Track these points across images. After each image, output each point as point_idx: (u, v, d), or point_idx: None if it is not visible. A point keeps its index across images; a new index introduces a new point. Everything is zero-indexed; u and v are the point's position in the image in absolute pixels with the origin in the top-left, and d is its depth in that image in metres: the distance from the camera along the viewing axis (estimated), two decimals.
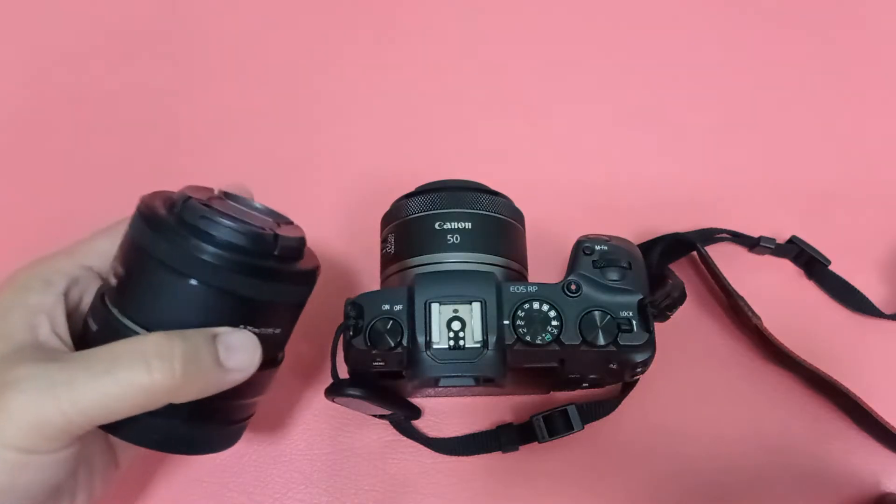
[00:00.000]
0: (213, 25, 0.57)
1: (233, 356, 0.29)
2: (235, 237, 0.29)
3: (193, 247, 0.28)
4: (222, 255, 0.29)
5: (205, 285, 0.29)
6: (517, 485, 0.42)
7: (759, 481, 0.42)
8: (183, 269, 0.29)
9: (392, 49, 0.56)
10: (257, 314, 0.31)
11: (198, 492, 0.42)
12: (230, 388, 0.31)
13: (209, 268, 0.28)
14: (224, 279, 0.29)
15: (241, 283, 0.29)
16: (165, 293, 0.29)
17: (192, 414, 0.31)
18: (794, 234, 0.48)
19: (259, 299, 0.30)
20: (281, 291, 0.31)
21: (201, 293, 0.29)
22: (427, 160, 0.51)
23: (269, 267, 0.30)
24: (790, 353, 0.43)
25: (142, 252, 0.29)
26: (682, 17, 0.58)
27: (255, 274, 0.29)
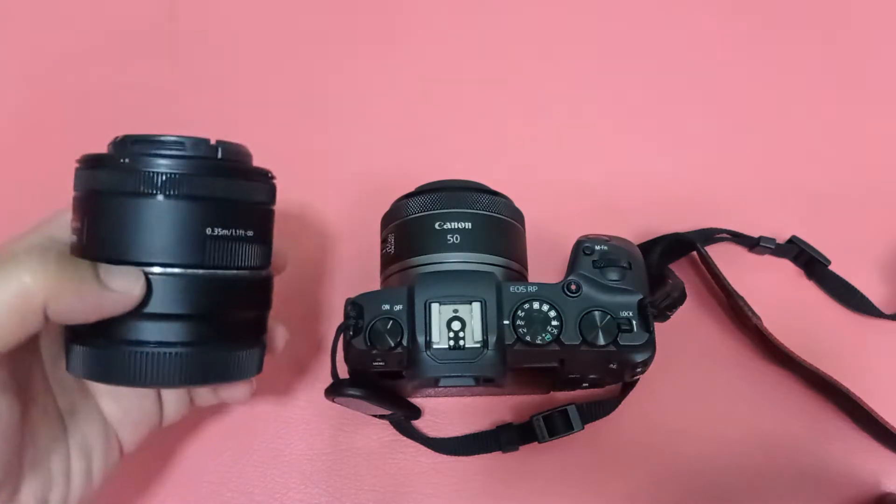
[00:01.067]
0: (213, 25, 0.57)
1: (112, 276, 0.29)
2: (179, 148, 0.29)
3: (143, 165, 0.29)
4: (174, 164, 0.29)
5: (164, 197, 0.29)
6: (517, 485, 0.42)
7: (759, 481, 0.42)
8: (137, 188, 0.29)
9: (392, 49, 0.56)
10: (219, 216, 0.30)
11: (198, 492, 0.42)
12: (229, 301, 0.31)
13: (164, 178, 0.29)
14: (182, 186, 0.29)
15: (197, 184, 0.29)
16: (123, 223, 0.29)
17: (202, 339, 0.30)
18: (794, 234, 0.48)
19: (215, 197, 0.30)
20: (238, 188, 0.31)
21: (159, 208, 0.29)
22: (427, 160, 0.51)
23: (218, 166, 0.30)
24: (790, 353, 0.43)
25: (94, 194, 0.30)
26: (682, 18, 0.58)
27: (208, 172, 0.30)
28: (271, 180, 0.33)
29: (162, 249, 0.29)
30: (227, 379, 0.32)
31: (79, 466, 0.33)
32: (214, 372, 0.31)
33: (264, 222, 0.33)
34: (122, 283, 0.29)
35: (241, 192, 0.31)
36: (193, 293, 0.30)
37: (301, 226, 0.49)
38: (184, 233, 0.29)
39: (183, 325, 0.30)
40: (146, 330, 0.30)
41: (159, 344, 0.30)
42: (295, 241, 0.48)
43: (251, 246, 0.32)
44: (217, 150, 0.30)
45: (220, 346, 0.31)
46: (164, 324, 0.30)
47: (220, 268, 0.31)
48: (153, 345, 0.30)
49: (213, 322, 0.31)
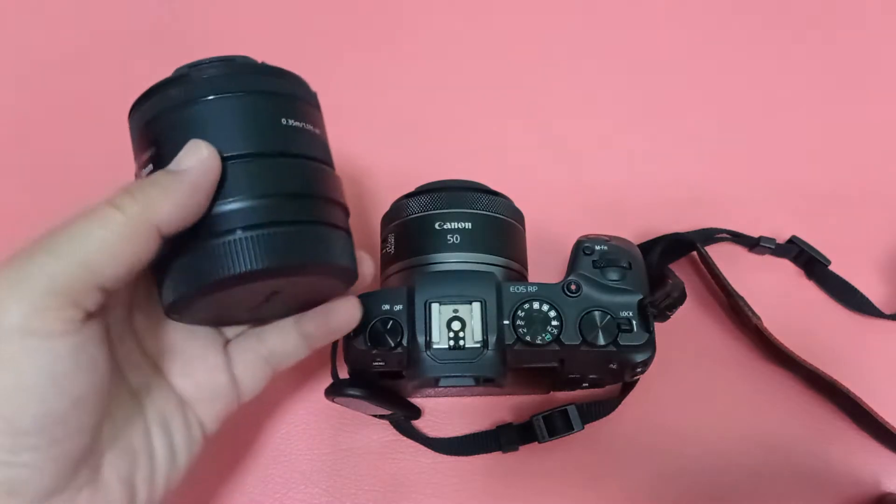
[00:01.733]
0: (212, 25, 0.57)
1: (181, 160, 0.28)
2: (229, 60, 0.31)
3: (202, 73, 0.30)
4: (230, 69, 0.30)
5: (228, 96, 0.29)
6: (517, 485, 0.42)
7: (759, 481, 0.42)
8: (197, 94, 0.29)
9: (392, 49, 0.56)
10: (277, 108, 0.31)
11: (198, 492, 0.42)
12: (313, 178, 0.31)
13: (223, 79, 0.30)
14: (242, 83, 0.30)
15: (262, 81, 0.31)
16: (182, 133, 0.29)
17: (294, 217, 0.29)
18: (794, 234, 0.48)
19: (275, 91, 0.31)
20: (297, 84, 0.33)
21: (231, 104, 0.29)
22: (427, 160, 0.51)
23: (273, 68, 0.32)
24: (790, 353, 0.43)
25: (154, 120, 0.30)
26: (682, 18, 0.58)
27: (265, 72, 0.31)
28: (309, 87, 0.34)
29: (240, 140, 0.29)
30: (323, 259, 0.30)
31: (161, 443, 0.32)
32: (307, 251, 0.30)
33: (316, 119, 0.33)
34: (189, 157, 0.28)
35: (300, 88, 0.33)
36: (276, 175, 0.30)
37: None
38: (257, 121, 0.30)
39: (268, 206, 0.29)
40: (231, 218, 0.28)
41: (247, 227, 0.28)
42: None
43: (322, 142, 0.32)
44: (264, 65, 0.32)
45: (312, 225, 0.30)
46: (248, 207, 0.29)
47: (301, 156, 0.31)
48: (241, 230, 0.28)
49: (301, 202, 0.30)
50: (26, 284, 0.25)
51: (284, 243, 0.29)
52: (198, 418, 0.34)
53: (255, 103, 0.30)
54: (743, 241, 0.48)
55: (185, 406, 0.33)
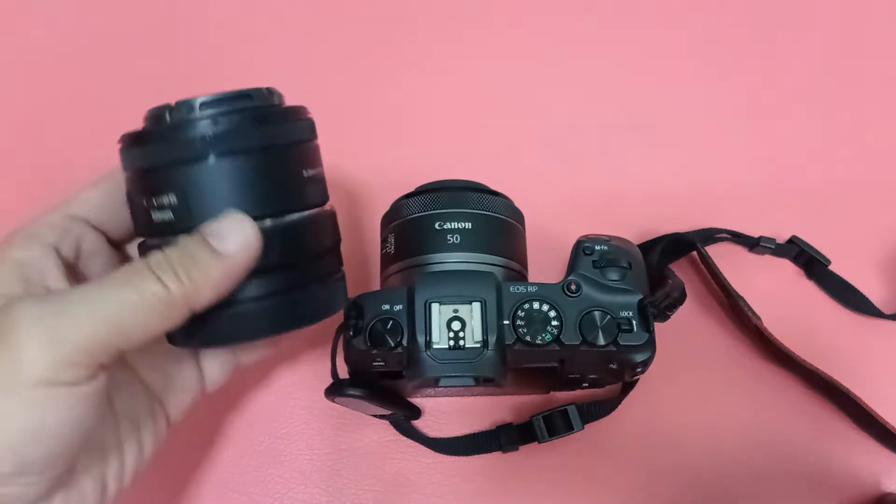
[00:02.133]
0: (214, 25, 0.57)
1: (225, 240, 0.28)
2: (231, 103, 0.29)
3: (201, 127, 0.28)
4: (227, 119, 0.28)
5: (225, 156, 0.28)
6: (517, 485, 0.42)
7: (759, 481, 0.42)
8: (195, 152, 0.28)
9: (392, 49, 0.56)
10: (306, 158, 0.31)
11: (198, 492, 0.42)
12: (300, 234, 0.30)
13: (218, 138, 0.28)
14: (236, 140, 0.28)
15: (254, 135, 0.29)
16: (189, 191, 0.28)
17: (287, 286, 0.30)
18: (794, 234, 0.48)
19: (276, 144, 0.30)
20: (307, 128, 0.32)
21: (226, 168, 0.28)
22: (427, 160, 0.51)
23: (272, 112, 0.30)
24: (790, 353, 0.43)
25: (149, 170, 0.29)
26: (681, 18, 0.58)
27: (265, 121, 0.29)
28: (309, 116, 0.33)
29: (271, 200, 0.29)
30: (326, 314, 0.31)
31: (130, 440, 0.32)
32: (315, 312, 0.31)
33: (318, 157, 0.33)
34: (234, 239, 0.28)
35: (309, 132, 0.32)
36: (301, 236, 0.30)
37: None
38: (287, 179, 0.30)
39: (284, 273, 0.30)
40: (247, 286, 0.29)
41: (260, 297, 0.29)
42: None
43: (317, 183, 0.32)
44: (277, 97, 0.31)
45: (320, 283, 0.31)
46: (264, 276, 0.29)
47: (317, 206, 0.31)
48: (253, 300, 0.29)
49: (313, 263, 0.31)
50: (61, 338, 0.26)
51: (294, 309, 0.30)
52: (164, 411, 0.34)
53: (280, 158, 0.30)
54: (743, 241, 0.48)
55: (153, 400, 0.34)
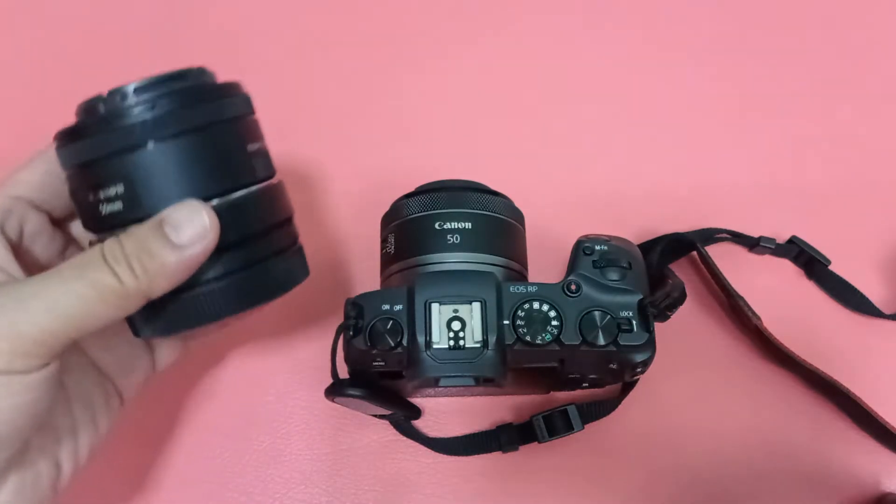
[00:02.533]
0: (212, 25, 0.57)
1: (182, 231, 0.28)
2: (164, 85, 0.29)
3: (137, 113, 0.28)
4: (163, 102, 0.28)
5: (166, 140, 0.28)
6: (517, 485, 0.42)
7: (759, 481, 0.42)
8: (135, 139, 0.28)
9: (392, 48, 0.56)
10: (249, 131, 0.31)
11: (198, 492, 0.42)
12: (254, 219, 0.30)
13: (156, 122, 0.28)
14: (176, 121, 0.28)
15: (192, 115, 0.29)
16: (135, 179, 0.28)
17: (245, 263, 0.30)
18: (794, 234, 0.48)
19: (215, 121, 0.29)
20: (228, 106, 0.31)
21: (168, 152, 0.28)
22: (427, 160, 0.51)
23: (207, 90, 0.30)
24: (790, 353, 0.43)
25: (91, 164, 0.29)
26: (681, 18, 0.58)
27: (201, 99, 0.29)
28: (243, 90, 0.33)
29: (218, 178, 0.29)
30: (287, 287, 0.32)
31: (83, 419, 0.33)
32: (275, 287, 0.31)
33: (258, 130, 0.33)
34: (190, 231, 0.28)
35: (247, 106, 0.32)
36: (253, 212, 0.30)
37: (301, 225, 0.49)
38: (232, 155, 0.29)
39: (237, 252, 0.30)
40: (203, 269, 0.29)
41: (219, 278, 0.29)
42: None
43: (262, 157, 0.32)
44: (210, 76, 0.31)
45: (278, 257, 0.31)
46: (219, 257, 0.29)
47: (264, 180, 0.31)
48: (214, 280, 0.29)
49: (265, 238, 0.31)
50: (14, 330, 0.26)
51: (255, 285, 0.30)
52: (116, 390, 0.35)
53: (221, 135, 0.30)
54: (743, 241, 0.48)
55: (105, 381, 0.34)
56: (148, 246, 0.28)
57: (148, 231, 0.28)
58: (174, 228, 0.28)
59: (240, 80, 0.32)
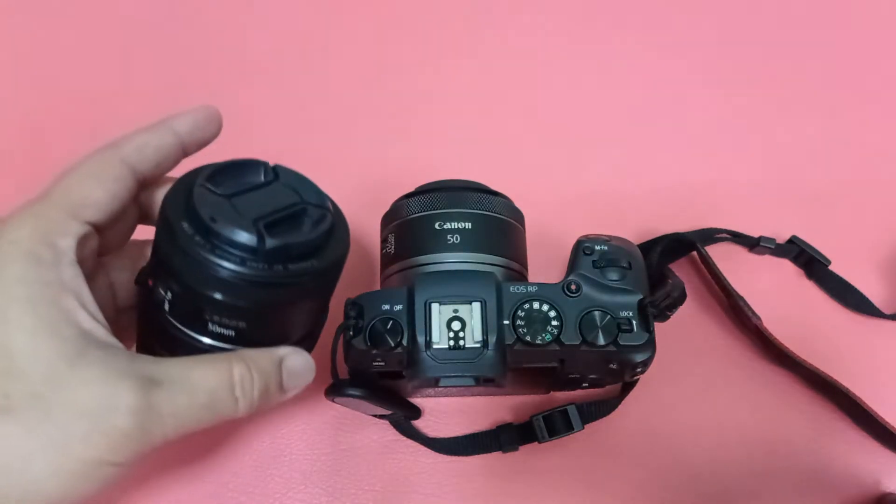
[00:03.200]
0: (211, 27, 0.57)
1: (294, 381, 0.31)
2: (235, 256, 0.27)
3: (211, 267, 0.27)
4: (233, 273, 0.27)
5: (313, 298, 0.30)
6: (517, 485, 0.42)
7: (759, 481, 0.42)
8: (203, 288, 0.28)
9: (393, 48, 0.56)
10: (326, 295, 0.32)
11: (198, 492, 0.42)
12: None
13: (225, 285, 0.27)
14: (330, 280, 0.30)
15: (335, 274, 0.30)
16: (270, 320, 0.30)
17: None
18: (794, 234, 0.48)
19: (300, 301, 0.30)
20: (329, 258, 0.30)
21: (309, 306, 0.31)
22: (427, 160, 0.51)
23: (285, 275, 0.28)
24: (790, 353, 0.43)
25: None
26: (681, 18, 0.58)
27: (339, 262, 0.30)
28: (343, 258, 0.32)
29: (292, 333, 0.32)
30: None
31: None
32: None
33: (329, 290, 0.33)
34: (299, 382, 0.31)
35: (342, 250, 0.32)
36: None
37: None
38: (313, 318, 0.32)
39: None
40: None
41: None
42: None
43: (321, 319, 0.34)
44: (284, 253, 0.29)
45: None
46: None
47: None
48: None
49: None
50: (148, 434, 0.26)
51: None
52: None
53: (320, 300, 0.32)
54: (743, 241, 0.48)
55: None
56: (268, 387, 0.30)
57: (273, 369, 0.30)
58: (290, 375, 0.30)
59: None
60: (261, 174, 0.31)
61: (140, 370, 0.27)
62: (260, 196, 0.29)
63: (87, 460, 0.25)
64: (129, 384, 0.26)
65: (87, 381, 0.25)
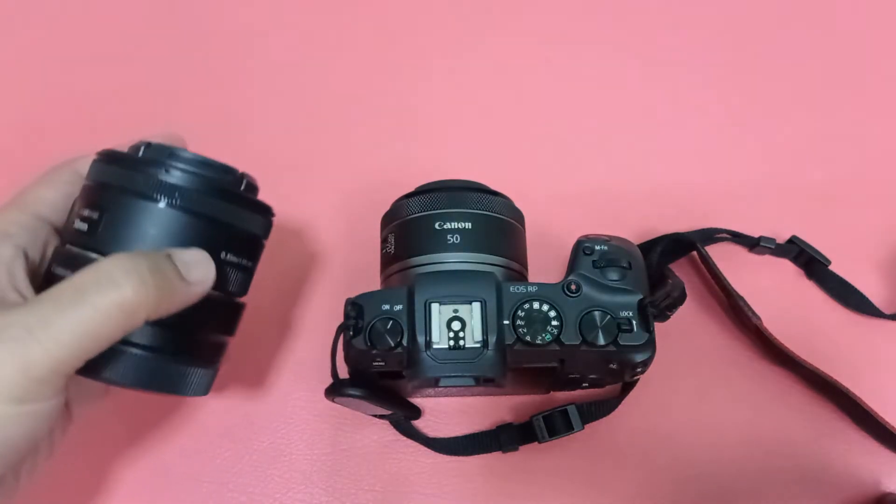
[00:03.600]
0: (212, 26, 0.57)
1: (192, 270, 0.30)
2: (199, 166, 0.31)
3: (161, 172, 0.30)
4: (188, 178, 0.31)
5: (172, 208, 0.30)
6: (517, 485, 0.42)
7: (759, 481, 0.42)
8: (152, 193, 0.30)
9: (392, 48, 0.56)
10: (222, 238, 0.32)
11: (198, 492, 0.42)
12: (203, 319, 0.32)
13: (176, 190, 0.30)
14: (190, 200, 0.30)
15: (206, 203, 0.31)
16: (137, 222, 0.30)
17: (166, 348, 0.31)
18: (794, 234, 0.48)
19: (223, 221, 0.32)
20: (243, 217, 0.33)
21: (170, 216, 0.30)
22: (427, 160, 0.51)
23: (231, 191, 0.32)
24: (790, 353, 0.43)
25: (111, 189, 0.31)
26: (681, 18, 0.58)
27: (219, 195, 0.31)
28: (272, 217, 0.35)
29: None
30: (182, 393, 0.33)
31: (44, 440, 0.33)
32: (176, 385, 0.32)
33: (258, 255, 0.35)
34: (199, 272, 0.30)
35: (254, 224, 0.33)
36: (208, 312, 0.32)
37: (301, 225, 0.49)
38: (217, 257, 0.32)
39: (157, 331, 0.31)
40: (150, 334, 0.31)
41: (149, 348, 0.30)
42: (295, 240, 0.48)
43: (245, 275, 0.34)
44: (243, 182, 0.33)
45: (198, 364, 0.33)
46: (165, 331, 0.31)
47: (233, 295, 0.34)
48: (144, 348, 0.30)
49: (183, 334, 0.32)
50: (36, 358, 0.27)
51: (168, 373, 0.32)
52: (72, 415, 0.35)
53: (219, 236, 0.32)
54: (743, 241, 0.48)
55: (69, 407, 0.34)
56: (162, 270, 0.29)
57: (162, 259, 0.29)
58: (185, 265, 0.30)
59: (273, 208, 0.35)
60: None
61: (22, 317, 0.27)
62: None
63: (7, 401, 0.26)
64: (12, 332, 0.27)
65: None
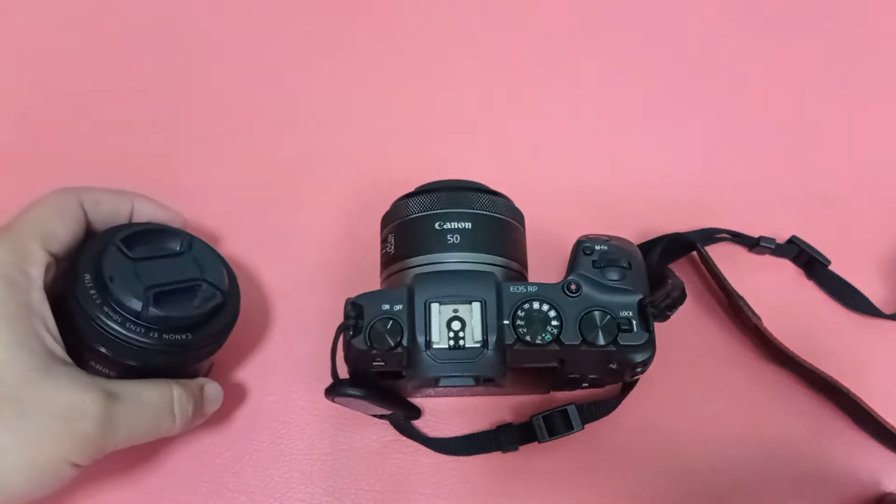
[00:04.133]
0: (212, 26, 0.57)
1: (210, 405, 0.38)
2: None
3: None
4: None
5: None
6: (517, 485, 0.42)
7: (759, 481, 0.42)
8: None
9: (392, 48, 0.56)
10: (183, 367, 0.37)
11: (198, 492, 0.42)
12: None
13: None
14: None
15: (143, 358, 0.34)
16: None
17: None
18: (794, 234, 0.48)
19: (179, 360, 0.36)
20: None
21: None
22: (427, 160, 0.51)
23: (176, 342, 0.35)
24: (790, 353, 0.43)
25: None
26: (682, 18, 0.58)
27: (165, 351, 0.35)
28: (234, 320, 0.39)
29: None
30: None
31: None
32: None
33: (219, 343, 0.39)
34: (212, 409, 0.38)
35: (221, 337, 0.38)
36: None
37: (301, 225, 0.49)
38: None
39: None
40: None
41: None
42: (295, 240, 0.48)
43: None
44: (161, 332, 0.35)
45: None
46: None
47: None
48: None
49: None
50: (105, 444, 0.32)
51: None
52: None
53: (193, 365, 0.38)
54: (743, 241, 0.48)
55: None
56: (196, 408, 0.36)
57: (198, 395, 0.37)
58: (208, 401, 0.38)
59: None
60: (177, 244, 0.36)
61: (101, 384, 0.32)
62: (165, 265, 0.35)
63: (54, 458, 0.30)
64: (94, 395, 0.31)
65: (58, 388, 0.30)
